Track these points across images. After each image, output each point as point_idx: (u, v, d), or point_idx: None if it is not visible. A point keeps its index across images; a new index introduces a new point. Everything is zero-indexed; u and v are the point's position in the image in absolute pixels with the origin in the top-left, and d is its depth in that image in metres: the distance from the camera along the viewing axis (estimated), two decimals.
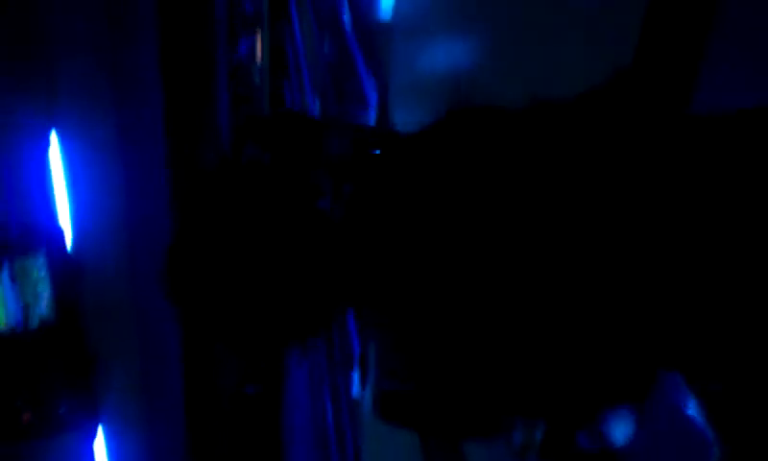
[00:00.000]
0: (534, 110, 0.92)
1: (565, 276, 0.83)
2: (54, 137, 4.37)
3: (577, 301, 0.84)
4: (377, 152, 1.12)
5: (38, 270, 4.39)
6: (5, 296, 4.38)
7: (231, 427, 5.58)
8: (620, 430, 1.26)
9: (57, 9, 4.12)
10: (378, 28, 3.09)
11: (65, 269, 4.48)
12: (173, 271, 0.97)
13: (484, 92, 0.96)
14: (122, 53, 4.34)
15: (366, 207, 0.96)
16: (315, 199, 0.98)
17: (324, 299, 0.97)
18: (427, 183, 0.90)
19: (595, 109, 0.91)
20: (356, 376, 3.26)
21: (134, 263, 4.66)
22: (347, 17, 3.47)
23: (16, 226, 4.34)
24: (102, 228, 4.57)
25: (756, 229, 0.80)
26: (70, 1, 4.14)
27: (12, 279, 4.36)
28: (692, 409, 1.11)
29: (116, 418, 5.01)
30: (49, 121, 4.31)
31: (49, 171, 4.39)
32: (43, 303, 4.45)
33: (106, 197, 4.49)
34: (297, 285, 0.94)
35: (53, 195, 4.43)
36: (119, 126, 4.40)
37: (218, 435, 5.56)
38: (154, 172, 4.47)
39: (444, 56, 2.37)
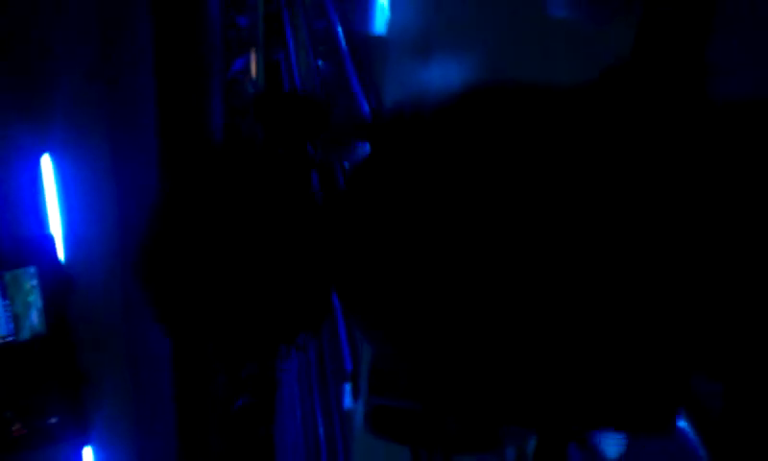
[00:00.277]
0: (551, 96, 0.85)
1: (579, 272, 0.78)
2: (46, 150, 4.37)
3: (591, 297, 0.78)
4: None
5: (30, 281, 4.38)
6: None
7: (223, 441, 5.55)
8: (612, 445, 1.27)
9: (52, 24, 4.13)
10: (373, 43, 3.11)
11: (57, 281, 4.47)
12: (150, 260, 0.88)
13: None
14: (117, 68, 4.35)
15: (367, 191, 0.87)
16: (308, 177, 0.91)
17: (316, 291, 0.90)
18: (438, 169, 0.83)
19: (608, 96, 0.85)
20: (348, 389, 3.26)
21: (126, 276, 4.66)
22: (341, 33, 3.49)
23: (8, 237, 4.33)
24: (94, 240, 4.56)
25: None
26: (66, 18, 4.15)
27: (4, 289, 4.34)
28: (684, 424, 1.13)
29: (106, 430, 4.99)
30: (42, 135, 4.31)
31: (42, 184, 4.39)
32: (34, 314, 4.43)
33: (98, 210, 4.49)
34: (286, 275, 0.87)
35: (45, 207, 4.43)
36: (112, 139, 4.40)
37: (210, 449, 5.53)
38: (147, 185, 4.48)
39: (438, 72, 2.39)
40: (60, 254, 4.51)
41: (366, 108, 2.92)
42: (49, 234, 4.42)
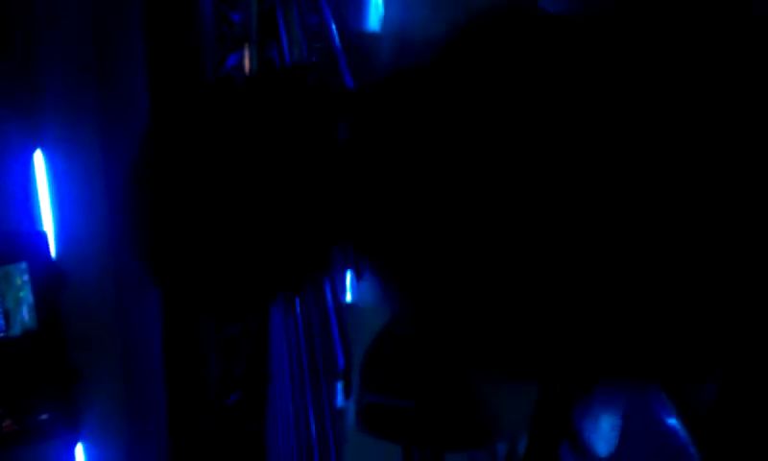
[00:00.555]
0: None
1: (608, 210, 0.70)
2: (38, 146, 4.35)
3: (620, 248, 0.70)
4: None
5: (21, 277, 4.36)
6: None
7: (215, 437, 5.54)
8: (603, 444, 1.27)
9: (45, 20, 4.11)
10: (367, 40, 3.10)
11: (48, 277, 4.45)
12: (141, 204, 0.83)
13: None
14: (110, 63, 4.34)
15: (383, 126, 0.80)
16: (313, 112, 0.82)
17: (321, 230, 0.82)
18: (450, 105, 0.75)
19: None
20: (340, 387, 3.25)
21: (118, 273, 4.64)
22: (334, 30, 3.48)
23: None
24: (86, 237, 4.55)
25: None
26: (59, 14, 4.13)
27: None
28: (674, 423, 1.12)
29: (98, 427, 4.97)
30: (33, 130, 4.29)
31: (33, 179, 4.38)
32: (25, 310, 4.41)
33: (90, 207, 4.47)
34: (289, 213, 0.80)
35: (37, 203, 4.41)
36: (105, 135, 4.38)
37: (201, 445, 5.52)
38: None
39: None
40: (52, 251, 4.49)
41: None
42: (41, 230, 4.40)
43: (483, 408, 1.65)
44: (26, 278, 4.30)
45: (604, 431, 1.24)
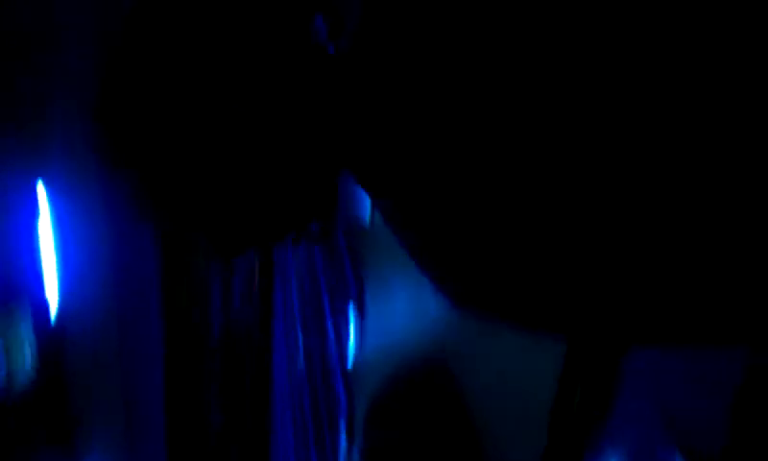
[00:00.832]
0: None
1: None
2: (42, 194, 4.33)
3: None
4: None
5: (22, 327, 4.34)
6: None
7: None
8: None
9: (49, 44, 4.11)
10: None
11: (50, 328, 4.42)
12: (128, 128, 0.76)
13: None
14: None
15: (386, 33, 0.68)
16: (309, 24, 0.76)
17: (324, 159, 0.75)
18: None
19: None
20: (342, 425, 3.22)
21: (121, 325, 4.61)
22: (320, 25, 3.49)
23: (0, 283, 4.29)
24: (89, 288, 4.52)
25: None
26: (63, 38, 4.14)
27: None
28: (673, 455, 1.11)
29: None
30: (37, 178, 4.28)
31: (36, 229, 4.35)
32: (26, 362, 4.39)
33: (94, 257, 4.46)
34: (290, 137, 0.74)
35: (39, 253, 4.39)
36: (110, 185, 4.37)
37: None
38: (144, 232, 4.42)
39: None
40: (54, 291, 4.46)
41: None
42: (43, 281, 4.38)
43: (488, 452, 1.64)
44: (27, 329, 4.27)
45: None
